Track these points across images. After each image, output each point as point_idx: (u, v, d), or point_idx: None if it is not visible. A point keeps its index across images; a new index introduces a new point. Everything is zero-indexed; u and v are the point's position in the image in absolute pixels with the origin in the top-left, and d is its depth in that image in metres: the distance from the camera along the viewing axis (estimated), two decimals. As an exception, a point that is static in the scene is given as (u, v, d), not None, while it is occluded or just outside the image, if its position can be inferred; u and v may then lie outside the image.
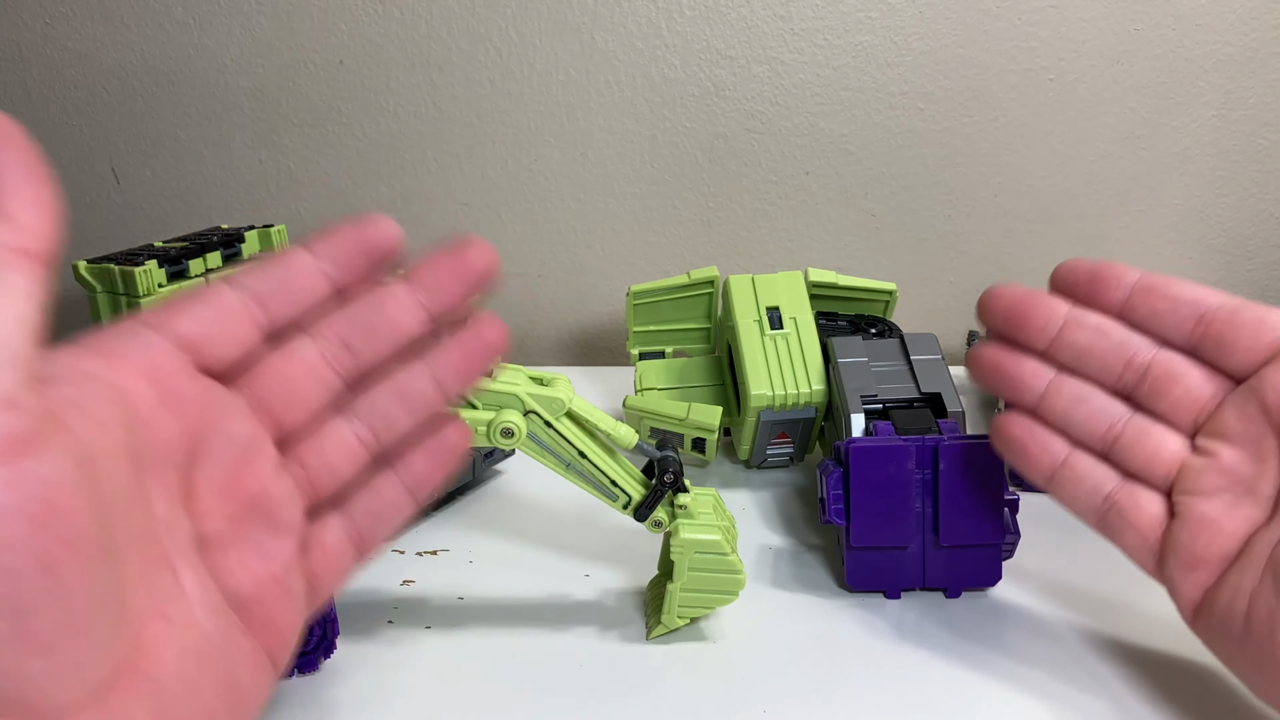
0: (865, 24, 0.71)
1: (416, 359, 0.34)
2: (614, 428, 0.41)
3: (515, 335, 0.80)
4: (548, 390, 0.40)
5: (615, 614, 0.45)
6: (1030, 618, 0.45)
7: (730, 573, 0.42)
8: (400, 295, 0.33)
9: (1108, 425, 0.38)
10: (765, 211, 0.76)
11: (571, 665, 0.42)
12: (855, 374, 0.52)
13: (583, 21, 0.71)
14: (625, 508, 0.42)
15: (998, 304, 0.40)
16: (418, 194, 0.75)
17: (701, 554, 0.41)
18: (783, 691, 0.40)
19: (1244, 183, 0.76)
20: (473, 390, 0.38)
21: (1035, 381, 0.39)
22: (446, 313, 0.34)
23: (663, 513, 0.42)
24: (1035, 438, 0.40)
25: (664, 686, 0.40)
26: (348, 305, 0.33)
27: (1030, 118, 0.73)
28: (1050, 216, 0.76)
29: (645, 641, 0.43)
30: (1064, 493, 0.40)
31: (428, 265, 0.34)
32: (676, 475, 0.42)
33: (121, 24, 0.72)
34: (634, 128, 0.73)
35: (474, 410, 0.40)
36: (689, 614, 0.43)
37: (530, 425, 0.40)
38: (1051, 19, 0.71)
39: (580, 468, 0.41)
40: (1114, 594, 0.47)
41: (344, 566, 0.33)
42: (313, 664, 0.40)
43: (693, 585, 0.42)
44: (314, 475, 0.32)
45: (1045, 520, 0.53)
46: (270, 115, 0.74)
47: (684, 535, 0.41)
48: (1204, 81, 0.73)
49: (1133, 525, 0.38)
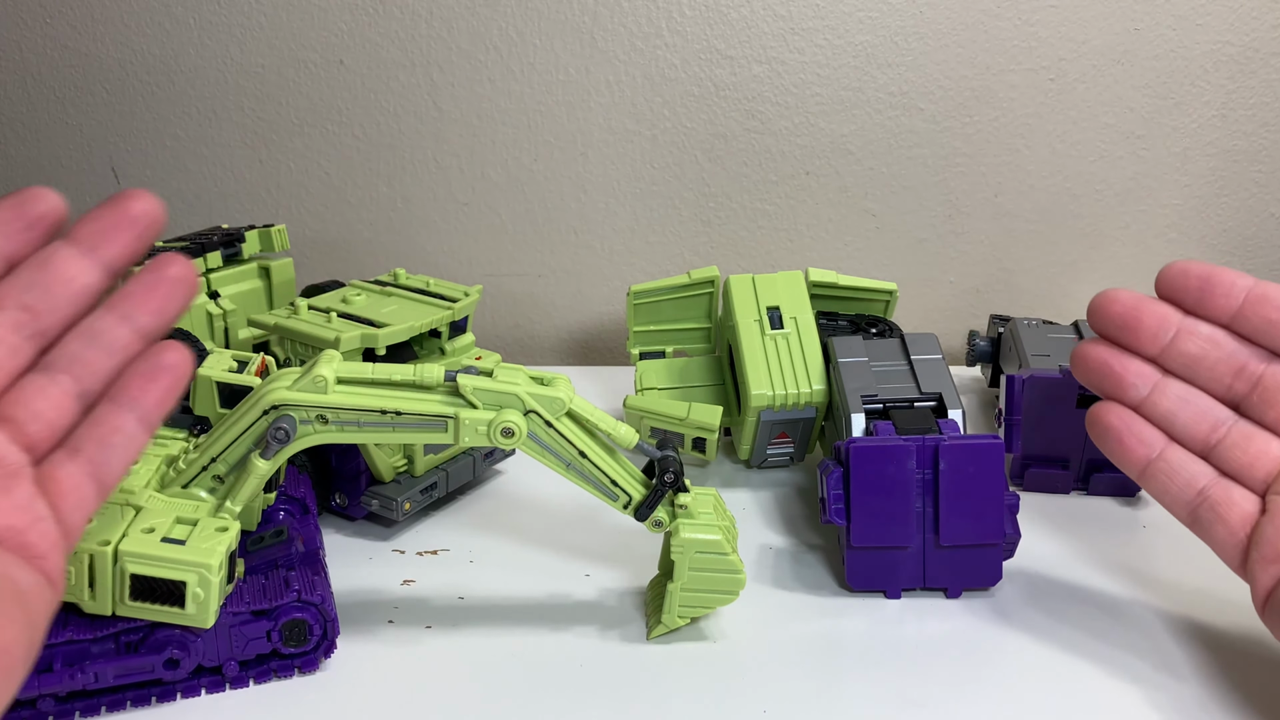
0: (865, 24, 0.71)
1: (106, 307, 0.36)
2: (614, 427, 0.41)
3: (515, 335, 0.80)
4: (548, 390, 0.40)
5: (615, 614, 0.45)
6: (1030, 618, 0.45)
7: (730, 572, 0.42)
8: (66, 252, 0.35)
9: (1211, 427, 0.39)
10: (765, 211, 0.76)
11: (572, 665, 0.42)
12: (855, 374, 0.52)
13: (583, 21, 0.71)
14: (625, 507, 0.42)
15: (1111, 309, 0.39)
16: (418, 194, 0.75)
17: (702, 554, 0.41)
18: (783, 691, 0.40)
19: (1244, 183, 0.76)
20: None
21: (1142, 381, 0.40)
22: (119, 261, 0.36)
23: (663, 512, 0.42)
24: (1133, 428, 0.40)
25: (664, 686, 0.40)
26: (18, 271, 0.35)
27: (1030, 118, 0.73)
28: (1050, 216, 0.76)
29: (646, 641, 0.43)
30: (1156, 485, 0.40)
31: (87, 221, 0.36)
32: (677, 475, 0.42)
33: (121, 24, 0.72)
34: (634, 127, 0.73)
35: (474, 410, 0.39)
36: (689, 614, 0.43)
37: (531, 425, 0.40)
38: (1052, 19, 0.71)
39: (580, 467, 0.41)
40: (1114, 594, 0.47)
41: (87, 497, 0.36)
42: (313, 663, 0.40)
43: (693, 585, 0.42)
44: (25, 427, 0.34)
45: (1045, 520, 0.53)
46: (270, 115, 0.74)
47: (684, 535, 0.41)
48: (1204, 81, 0.73)
49: (1224, 520, 0.38)
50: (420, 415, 0.39)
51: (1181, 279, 0.39)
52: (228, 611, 0.39)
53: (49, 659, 0.37)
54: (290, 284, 0.64)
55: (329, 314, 0.51)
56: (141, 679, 0.38)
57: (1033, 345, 0.59)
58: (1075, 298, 0.79)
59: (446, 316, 0.53)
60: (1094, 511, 0.54)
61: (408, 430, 0.40)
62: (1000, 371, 0.65)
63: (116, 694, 0.38)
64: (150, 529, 0.38)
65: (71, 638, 0.37)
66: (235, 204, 0.76)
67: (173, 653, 0.38)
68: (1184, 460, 0.40)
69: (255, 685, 0.40)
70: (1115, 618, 0.45)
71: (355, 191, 0.76)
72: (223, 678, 0.39)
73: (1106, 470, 0.55)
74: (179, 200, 0.76)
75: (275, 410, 0.39)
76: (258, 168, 0.75)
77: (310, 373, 0.39)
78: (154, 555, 0.37)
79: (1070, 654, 0.43)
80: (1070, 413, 0.54)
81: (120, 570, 0.37)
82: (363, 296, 0.54)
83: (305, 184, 0.75)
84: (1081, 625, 0.45)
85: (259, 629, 0.39)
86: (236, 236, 0.62)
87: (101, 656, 0.38)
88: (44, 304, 0.35)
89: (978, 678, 0.41)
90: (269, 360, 0.44)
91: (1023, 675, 0.42)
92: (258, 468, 0.39)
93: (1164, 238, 0.77)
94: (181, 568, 0.37)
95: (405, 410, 0.39)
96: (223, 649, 0.39)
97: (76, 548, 0.36)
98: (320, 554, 0.44)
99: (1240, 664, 0.42)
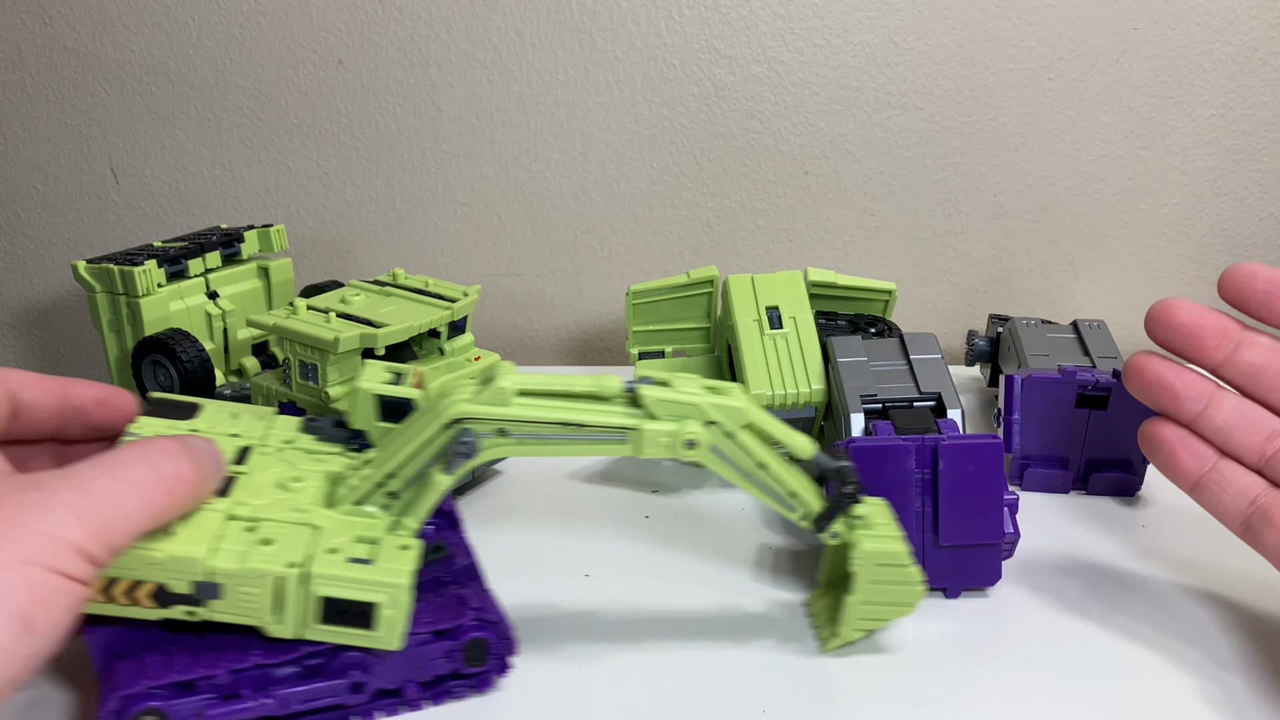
0: (864, 23, 0.71)
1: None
2: (791, 437, 0.40)
3: (514, 335, 0.80)
4: (727, 399, 0.39)
5: (615, 614, 0.45)
6: (1030, 618, 0.45)
7: (910, 584, 0.41)
8: None
9: (1266, 438, 0.39)
10: (765, 211, 0.76)
11: (570, 666, 0.42)
12: (855, 373, 0.52)
13: (582, 21, 0.71)
14: (803, 519, 0.41)
15: (1176, 319, 0.39)
16: (417, 194, 0.75)
17: (882, 565, 0.40)
18: (782, 691, 0.40)
19: (1244, 182, 0.76)
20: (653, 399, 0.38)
21: (1198, 395, 0.40)
22: None
23: (840, 524, 0.41)
24: (1185, 443, 0.40)
25: (664, 686, 0.40)
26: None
27: (1030, 117, 0.73)
28: (1050, 216, 0.76)
29: (645, 641, 0.43)
30: (1209, 497, 0.40)
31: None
32: (858, 486, 0.41)
33: (121, 24, 0.72)
34: (633, 127, 0.73)
35: (656, 421, 0.38)
36: (866, 626, 0.42)
37: (712, 436, 0.39)
38: (1051, 18, 0.71)
39: (759, 479, 0.40)
40: (1114, 594, 0.47)
41: None
42: (487, 682, 0.39)
43: (871, 597, 0.41)
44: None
45: (1045, 520, 0.53)
46: (270, 115, 0.73)
47: (867, 546, 0.40)
48: (1204, 80, 0.73)
49: (1276, 525, 0.38)
50: (602, 427, 0.38)
51: (1248, 282, 0.38)
52: (409, 632, 0.37)
53: (235, 685, 0.36)
54: (289, 284, 0.64)
55: (328, 314, 0.51)
56: (325, 703, 0.37)
57: (1032, 345, 0.59)
58: (1074, 297, 0.79)
59: (445, 316, 0.53)
60: (1094, 511, 0.54)
61: (587, 443, 0.38)
62: (999, 371, 0.65)
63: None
64: (334, 549, 0.36)
65: (258, 662, 0.36)
66: (234, 204, 0.76)
67: (357, 676, 0.37)
68: (1236, 473, 0.40)
69: (432, 706, 0.39)
70: (1115, 617, 0.45)
71: (354, 191, 0.76)
72: (399, 700, 0.38)
73: (1106, 470, 0.55)
74: (178, 200, 0.76)
75: (457, 424, 0.38)
76: (257, 167, 0.75)
77: (490, 385, 0.38)
78: (344, 577, 0.35)
79: (1070, 654, 0.43)
80: (1070, 413, 0.54)
81: (309, 593, 0.35)
82: (361, 296, 0.54)
83: (304, 184, 0.75)
84: (1081, 625, 0.45)
85: (439, 649, 0.38)
86: (235, 236, 0.62)
87: (286, 681, 0.36)
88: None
89: (977, 678, 0.41)
90: (423, 372, 0.43)
91: (1022, 675, 0.42)
92: (440, 482, 0.38)
93: (1163, 237, 0.77)
94: (373, 589, 0.35)
95: (587, 422, 0.38)
96: (402, 670, 0.38)
97: (257, 569, 0.35)
98: (480, 569, 0.42)
99: (1241, 663, 0.42)
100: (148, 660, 0.35)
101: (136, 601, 0.35)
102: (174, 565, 0.34)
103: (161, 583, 0.34)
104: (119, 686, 0.34)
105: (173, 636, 0.36)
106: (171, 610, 0.35)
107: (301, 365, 0.51)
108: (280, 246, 0.64)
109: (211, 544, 0.35)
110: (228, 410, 0.44)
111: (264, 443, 0.42)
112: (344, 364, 0.50)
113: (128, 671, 0.35)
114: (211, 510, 0.37)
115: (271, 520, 0.37)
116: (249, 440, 0.42)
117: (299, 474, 0.40)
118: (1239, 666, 0.42)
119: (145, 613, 0.35)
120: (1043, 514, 0.54)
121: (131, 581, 0.34)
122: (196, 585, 0.35)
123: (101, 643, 0.36)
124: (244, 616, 0.35)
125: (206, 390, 0.56)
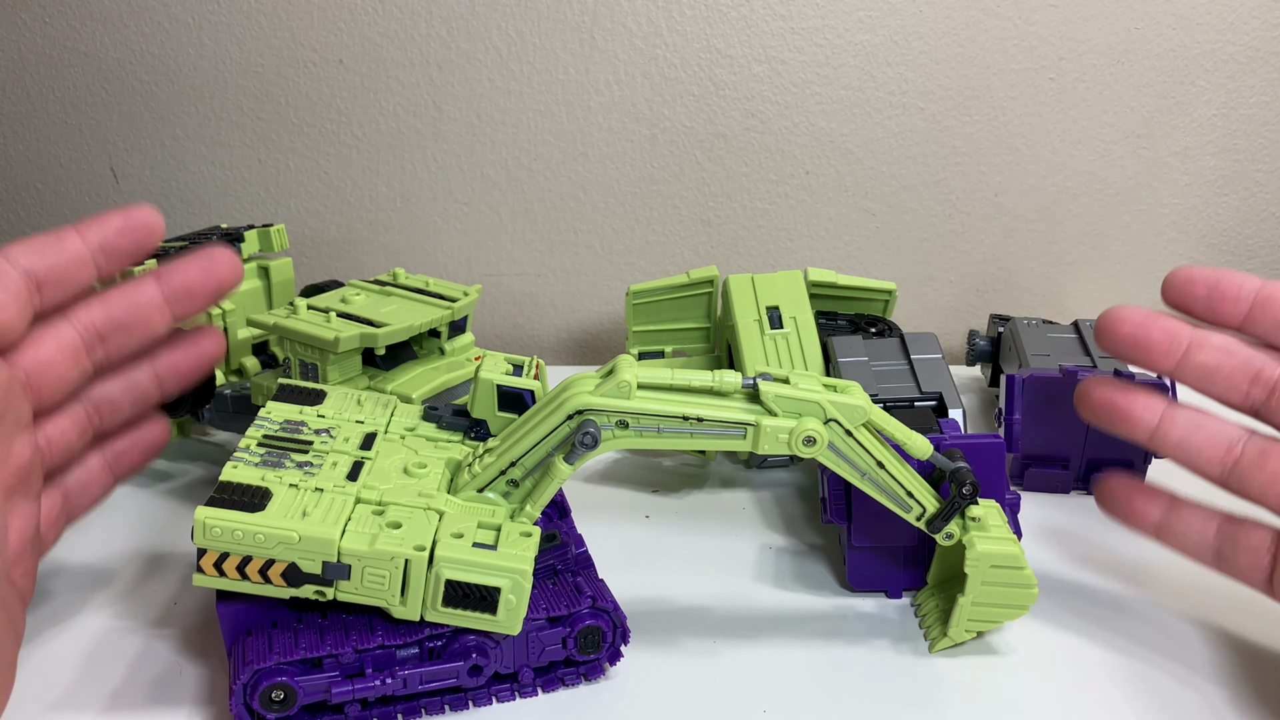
0: (865, 23, 0.71)
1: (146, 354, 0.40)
2: (909, 436, 0.40)
3: (514, 334, 0.80)
4: (847, 397, 0.39)
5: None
6: (1029, 617, 0.45)
7: (1024, 586, 0.41)
8: (154, 297, 0.38)
9: (1225, 449, 0.39)
10: (765, 211, 0.76)
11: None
12: (855, 373, 0.52)
13: (583, 21, 0.71)
14: (919, 519, 0.41)
15: (1119, 329, 0.39)
16: (417, 193, 0.75)
17: (997, 567, 0.40)
18: (783, 691, 0.40)
19: (1244, 182, 0.76)
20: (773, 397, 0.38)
21: (1149, 412, 0.39)
22: (186, 317, 0.39)
23: (954, 525, 0.41)
24: (1140, 492, 0.41)
25: (663, 686, 0.40)
26: (108, 299, 0.38)
27: (1030, 117, 0.73)
28: (1050, 216, 0.76)
29: (645, 641, 0.43)
30: (1174, 538, 0.41)
31: (181, 270, 0.39)
32: (975, 487, 0.41)
33: (121, 24, 0.72)
34: (634, 127, 0.73)
35: (775, 417, 0.38)
36: (976, 627, 0.42)
37: (830, 433, 0.39)
38: (1052, 18, 0.71)
39: (876, 478, 0.40)
40: (1114, 594, 0.47)
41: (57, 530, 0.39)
42: (598, 670, 0.40)
43: (984, 599, 0.41)
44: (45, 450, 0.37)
45: (1045, 520, 0.53)
46: (270, 115, 0.73)
47: (981, 548, 0.40)
48: (1205, 80, 0.73)
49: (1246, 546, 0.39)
50: (721, 422, 0.39)
51: (1188, 286, 0.38)
52: (526, 618, 0.38)
53: (360, 663, 0.36)
54: (289, 283, 0.64)
55: (328, 314, 0.51)
56: (444, 685, 0.38)
57: (1033, 345, 0.59)
58: (1075, 297, 0.79)
59: (446, 316, 0.53)
60: (1094, 511, 0.54)
61: (706, 437, 0.39)
62: (1000, 371, 0.65)
63: (411, 701, 0.38)
64: (459, 534, 0.37)
65: (382, 642, 0.36)
66: (234, 203, 0.76)
67: (476, 659, 0.37)
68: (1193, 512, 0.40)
69: (543, 693, 0.40)
70: (1115, 617, 0.45)
71: (354, 191, 0.76)
72: (514, 685, 0.39)
73: (1107, 470, 0.55)
74: (178, 200, 0.76)
75: (579, 415, 0.38)
76: (257, 167, 0.75)
77: (613, 378, 0.38)
78: (469, 560, 0.36)
79: (1070, 653, 0.43)
80: (1070, 413, 0.53)
81: (435, 575, 0.36)
82: (362, 296, 0.54)
83: (304, 183, 0.75)
84: (1081, 625, 0.45)
85: (555, 636, 0.39)
86: (235, 236, 0.62)
87: (408, 662, 0.37)
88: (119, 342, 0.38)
89: (978, 678, 0.41)
90: (541, 363, 0.45)
91: (1023, 675, 0.41)
92: (561, 471, 0.39)
93: (1164, 237, 0.77)
94: (497, 573, 0.36)
95: (707, 416, 0.39)
96: (519, 656, 0.39)
97: (387, 551, 0.35)
98: (591, 559, 0.42)
99: (1241, 663, 0.42)
100: (276, 637, 0.36)
101: (269, 580, 0.36)
102: (307, 546, 0.35)
103: (293, 561, 0.35)
104: (252, 660, 0.35)
105: (299, 615, 0.37)
106: (301, 589, 0.36)
107: (302, 365, 0.51)
108: (280, 246, 0.64)
109: (343, 526, 0.36)
110: (352, 397, 0.45)
111: (388, 429, 0.43)
112: (344, 363, 0.50)
113: (258, 647, 0.36)
114: (342, 493, 0.37)
115: (398, 504, 0.38)
116: (374, 426, 0.43)
117: (422, 460, 0.41)
118: (1239, 665, 0.42)
119: (276, 591, 0.36)
120: (1043, 514, 0.54)
121: (265, 560, 0.35)
122: (326, 565, 0.35)
123: (232, 617, 0.37)
124: (370, 597, 0.36)
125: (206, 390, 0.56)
